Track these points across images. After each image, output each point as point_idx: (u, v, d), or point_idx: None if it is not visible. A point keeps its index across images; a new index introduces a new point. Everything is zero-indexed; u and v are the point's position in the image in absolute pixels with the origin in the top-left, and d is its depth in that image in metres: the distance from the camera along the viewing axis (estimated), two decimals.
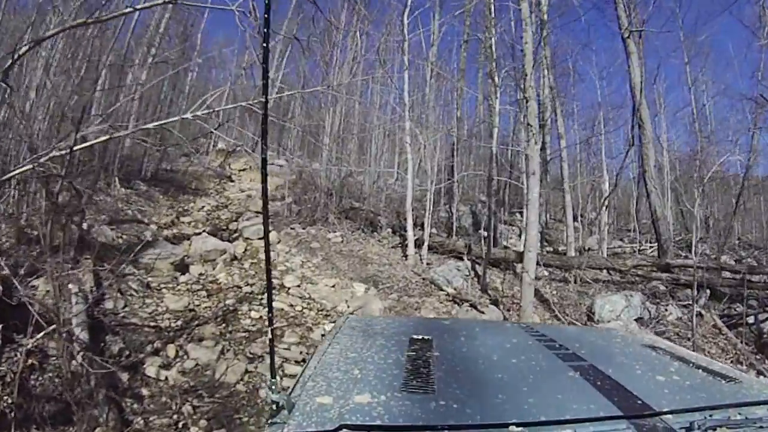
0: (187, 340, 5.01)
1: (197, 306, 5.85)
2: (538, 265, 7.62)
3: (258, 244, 7.97)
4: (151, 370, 4.41)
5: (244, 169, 14.12)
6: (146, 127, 4.77)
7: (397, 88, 11.15)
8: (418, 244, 9.28)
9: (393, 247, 9.58)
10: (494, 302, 7.50)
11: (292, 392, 1.29)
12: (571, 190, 12.78)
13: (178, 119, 4.07)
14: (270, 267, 1.41)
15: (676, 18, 16.05)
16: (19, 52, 3.36)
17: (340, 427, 1.06)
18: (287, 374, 4.58)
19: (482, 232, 10.41)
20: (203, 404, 4.18)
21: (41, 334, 3.68)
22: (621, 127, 15.69)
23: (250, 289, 6.43)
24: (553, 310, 7.20)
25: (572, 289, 8.23)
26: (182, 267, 6.78)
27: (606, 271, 9.24)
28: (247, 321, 5.63)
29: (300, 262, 7.56)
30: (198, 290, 6.29)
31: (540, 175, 7.28)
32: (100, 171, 8.45)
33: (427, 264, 8.92)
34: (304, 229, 9.24)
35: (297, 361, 4.85)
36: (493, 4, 10.25)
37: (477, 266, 8.84)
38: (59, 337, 3.86)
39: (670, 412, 1.19)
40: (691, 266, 7.80)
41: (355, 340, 1.79)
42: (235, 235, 8.40)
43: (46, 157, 3.70)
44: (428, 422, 1.10)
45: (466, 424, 1.11)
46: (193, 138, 10.84)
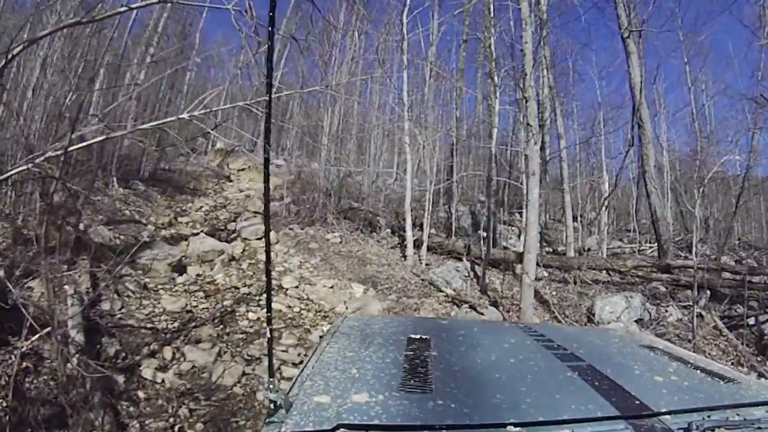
0: (184, 342, 4.97)
1: (194, 307, 5.82)
2: (537, 266, 7.58)
3: (256, 244, 7.93)
4: (147, 373, 4.38)
5: (243, 169, 14.09)
6: (143, 127, 4.73)
7: (396, 87, 11.12)
8: (417, 245, 9.25)
9: (392, 248, 9.54)
10: (494, 303, 7.46)
11: (290, 391, 1.28)
12: (571, 191, 12.75)
13: (174, 119, 4.02)
14: (270, 267, 1.40)
15: (676, 18, 16.02)
16: (13, 52, 3.31)
17: (338, 427, 1.06)
18: (284, 377, 4.54)
19: (481, 233, 10.38)
20: (200, 407, 4.14)
21: (35, 336, 3.64)
22: (621, 128, 15.66)
23: (248, 290, 6.40)
24: (553, 311, 7.17)
25: (572, 290, 8.20)
26: (180, 268, 6.75)
27: (606, 271, 9.21)
28: (245, 322, 5.59)
29: (298, 262, 7.53)
30: (195, 291, 6.26)
31: (540, 175, 7.24)
32: (97, 171, 8.41)
33: (426, 265, 8.89)
34: (302, 229, 9.20)
35: (294, 364, 4.81)
36: (493, 4, 10.20)
37: (476, 267, 8.80)
38: (54, 339, 3.83)
39: (668, 413, 1.19)
40: (692, 267, 7.76)
41: (352, 340, 1.79)
42: (234, 235, 8.36)
43: (42, 158, 3.66)
44: (426, 422, 1.10)
45: (464, 424, 1.11)
46: (190, 138, 10.81)
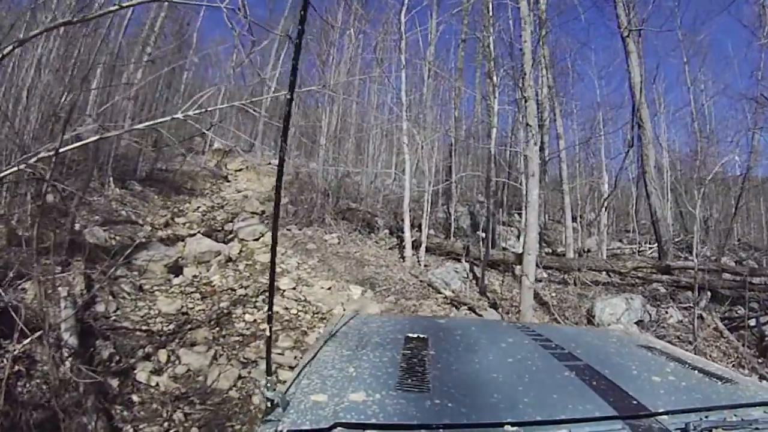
0: (179, 345, 4.92)
1: (190, 309, 5.76)
2: (537, 268, 7.53)
3: (253, 245, 7.87)
4: (141, 376, 4.33)
5: (241, 170, 14.04)
6: (137, 127, 4.66)
7: (395, 87, 11.03)
8: (416, 246, 9.19)
9: (390, 249, 9.49)
10: (493, 305, 7.41)
11: (287, 390, 1.28)
12: (570, 191, 12.70)
13: (169, 119, 3.97)
14: (274, 260, 1.42)
15: (675, 17, 15.99)
16: (3, 52, 3.25)
17: (335, 425, 1.06)
18: (280, 380, 4.48)
19: (480, 234, 10.33)
20: (195, 411, 4.08)
21: (27, 340, 3.59)
22: (621, 128, 15.59)
23: (245, 291, 6.34)
24: (553, 313, 7.12)
25: (572, 291, 8.14)
26: (176, 269, 6.69)
27: (606, 273, 9.16)
28: (241, 324, 5.53)
29: (296, 263, 7.47)
30: (191, 293, 6.20)
31: (539, 175, 7.19)
32: (93, 171, 8.34)
33: (425, 266, 8.83)
34: (300, 230, 9.14)
35: (291, 367, 4.75)
36: (492, 3, 10.12)
37: (475, 268, 8.74)
38: (45, 342, 3.77)
39: (666, 413, 1.19)
40: (692, 268, 7.71)
41: (350, 338, 1.79)
42: (231, 236, 8.30)
43: (35, 158, 3.61)
44: (423, 421, 1.10)
45: (461, 423, 1.11)
46: (186, 138, 10.74)
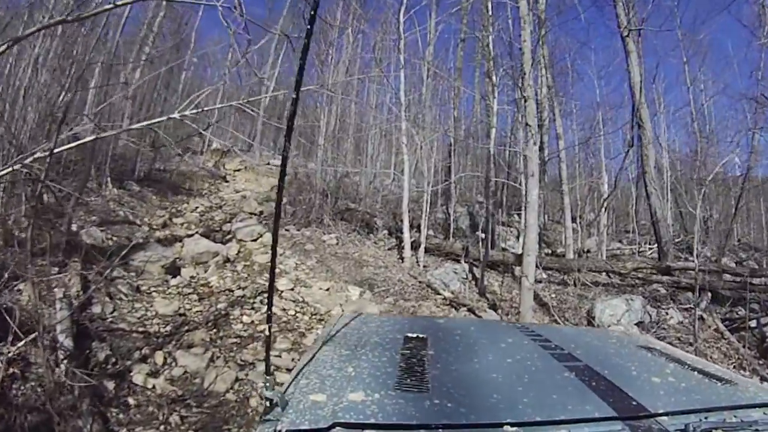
0: (176, 347, 4.87)
1: (188, 310, 5.72)
2: (536, 268, 7.50)
3: (252, 246, 7.83)
4: (138, 378, 4.29)
5: (239, 170, 14.00)
6: (135, 127, 4.62)
7: (394, 87, 11.00)
8: (415, 246, 9.16)
9: (389, 249, 9.45)
10: (492, 306, 7.37)
11: (286, 390, 1.28)
12: (570, 191, 12.66)
13: (165, 119, 3.93)
14: (275, 258, 1.40)
15: (675, 17, 15.92)
16: None
17: (334, 425, 1.06)
18: (277, 383, 4.43)
19: (480, 234, 10.29)
20: (191, 414, 4.04)
21: (21, 342, 3.55)
22: (620, 128, 15.56)
23: (243, 292, 6.29)
24: (553, 314, 7.08)
25: (572, 292, 8.10)
26: (173, 270, 6.65)
27: (606, 273, 9.12)
28: (239, 326, 5.49)
29: (294, 264, 7.42)
30: (189, 294, 6.16)
31: (539, 176, 7.15)
32: (90, 171, 8.30)
33: (424, 267, 8.80)
34: (298, 230, 9.10)
35: (288, 369, 4.70)
36: (491, 2, 10.08)
37: (474, 269, 8.70)
38: (40, 344, 3.73)
39: (666, 414, 1.19)
40: (692, 269, 7.68)
41: (349, 338, 1.78)
42: (229, 236, 8.25)
43: (30, 159, 3.57)
44: (422, 421, 1.09)
45: (460, 424, 1.11)
46: (183, 138, 10.70)
